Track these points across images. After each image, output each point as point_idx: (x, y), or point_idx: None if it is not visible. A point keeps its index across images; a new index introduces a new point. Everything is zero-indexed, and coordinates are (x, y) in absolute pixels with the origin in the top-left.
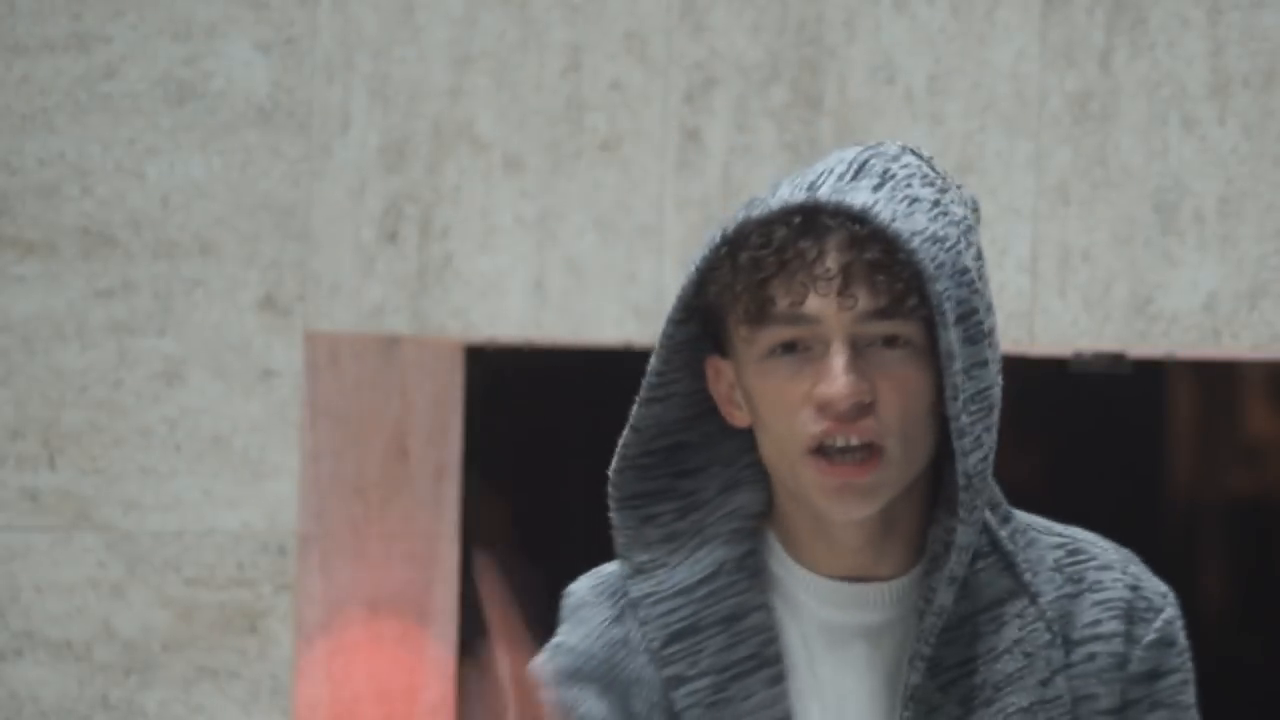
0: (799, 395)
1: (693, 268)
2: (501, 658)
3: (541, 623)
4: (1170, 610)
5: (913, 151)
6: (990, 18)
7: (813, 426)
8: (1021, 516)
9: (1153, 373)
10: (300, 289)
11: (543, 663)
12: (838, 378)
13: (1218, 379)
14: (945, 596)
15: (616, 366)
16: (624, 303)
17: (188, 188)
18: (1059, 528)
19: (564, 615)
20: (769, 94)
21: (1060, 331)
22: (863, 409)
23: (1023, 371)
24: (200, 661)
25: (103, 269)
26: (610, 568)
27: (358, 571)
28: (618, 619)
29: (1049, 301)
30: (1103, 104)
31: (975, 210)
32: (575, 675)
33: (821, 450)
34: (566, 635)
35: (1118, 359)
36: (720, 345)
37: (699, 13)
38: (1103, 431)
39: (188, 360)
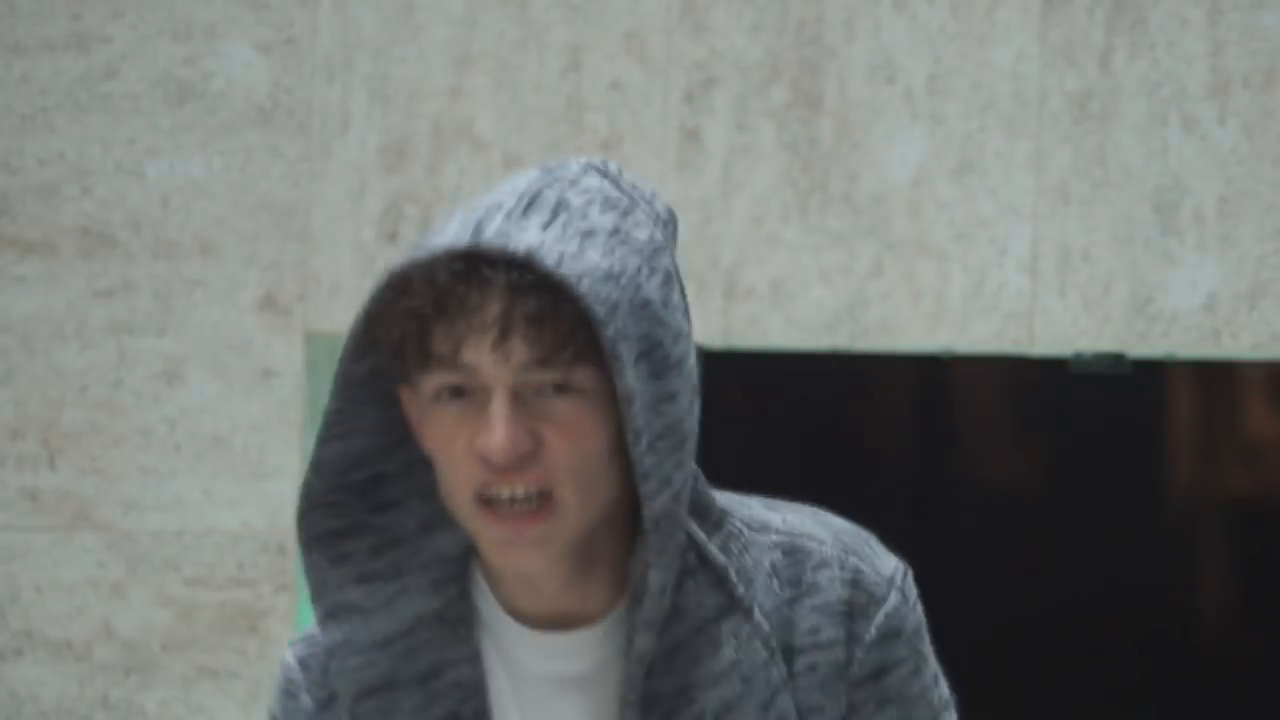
0: (463, 444)
1: (362, 308)
2: None
3: None
4: (893, 597)
5: (596, 169)
6: (990, 18)
7: (478, 476)
8: (737, 516)
9: (1153, 373)
10: (300, 289)
11: None
12: (495, 430)
13: (1218, 379)
14: (644, 641)
15: None
16: None
17: (188, 188)
18: (778, 520)
19: (275, 689)
20: (769, 94)
21: (1060, 331)
22: (526, 458)
23: (1023, 371)
24: (200, 661)
25: (103, 269)
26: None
27: None
28: (325, 705)
29: (1049, 301)
30: (1103, 104)
31: (670, 223)
32: None
33: (488, 501)
34: (274, 715)
35: (1118, 359)
36: (405, 375)
37: (699, 13)
38: (1103, 431)
39: (188, 360)
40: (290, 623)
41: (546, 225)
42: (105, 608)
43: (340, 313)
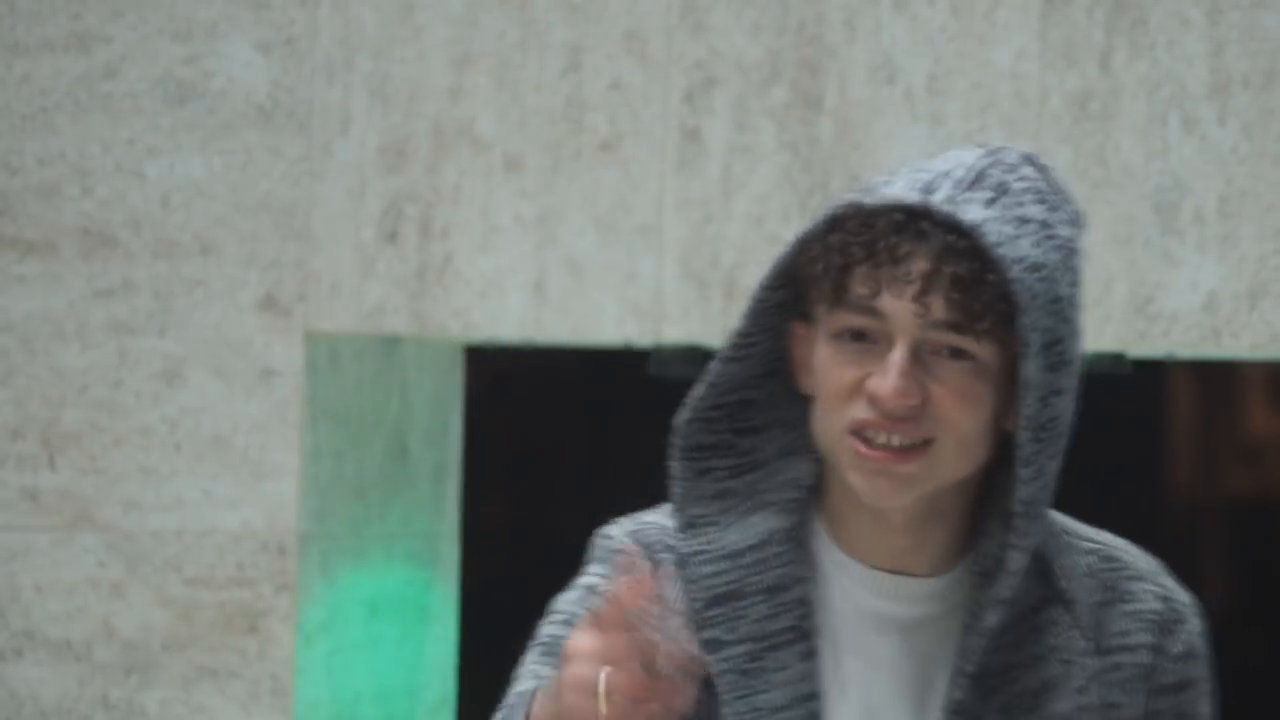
0: (854, 382)
1: (795, 237)
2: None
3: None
4: (1196, 622)
5: (1032, 161)
6: (990, 18)
7: (858, 412)
8: (1056, 520)
9: (1153, 373)
10: (300, 289)
11: (570, 600)
12: (891, 376)
13: (1218, 379)
14: (993, 618)
15: (616, 366)
16: (624, 302)
17: (188, 188)
18: (1090, 532)
19: (595, 556)
20: (769, 94)
21: None
22: (911, 411)
23: None
24: (200, 661)
25: (103, 269)
26: (651, 518)
27: (358, 571)
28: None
29: None
30: (1103, 104)
31: (1083, 227)
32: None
33: (861, 435)
34: (597, 579)
35: (1118, 359)
36: (807, 312)
37: (699, 13)
38: (1103, 431)
39: (188, 360)
40: (290, 623)
41: (990, 203)
42: (105, 608)
43: (340, 313)
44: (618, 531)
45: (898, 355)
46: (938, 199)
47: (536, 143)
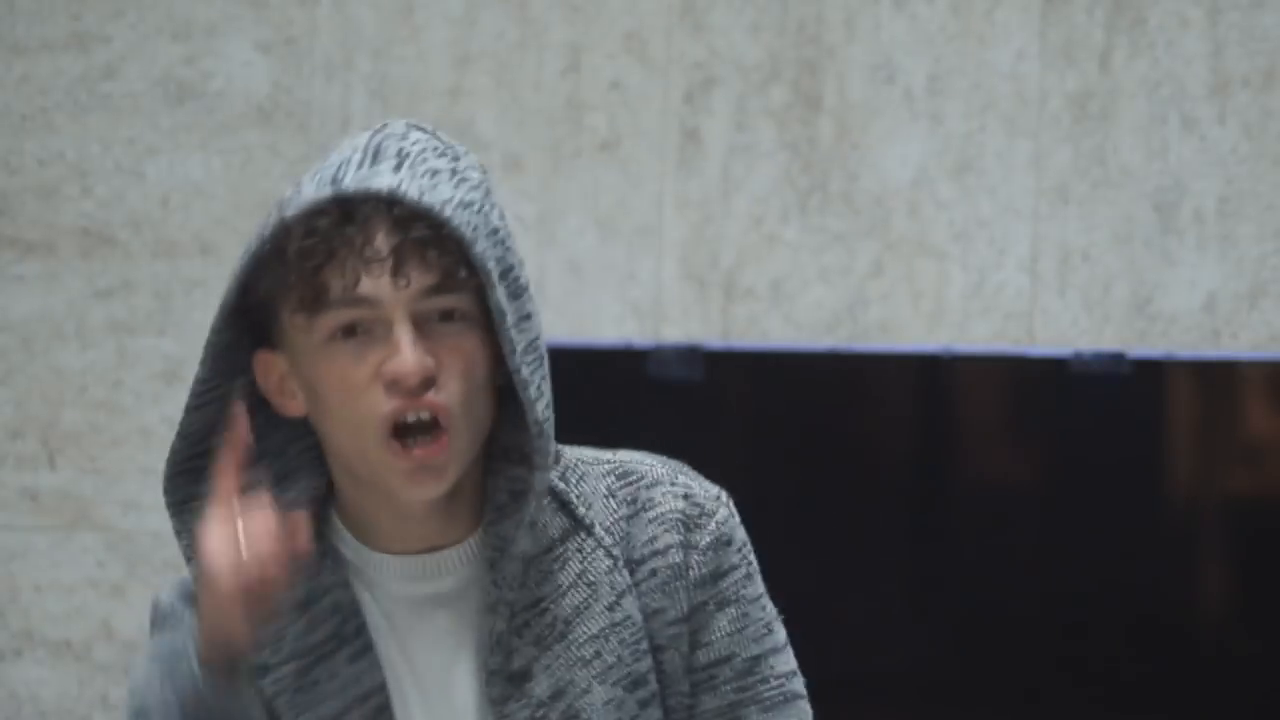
0: (365, 376)
1: (233, 275)
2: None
3: None
4: (723, 510)
5: (417, 127)
6: (990, 18)
7: (384, 405)
8: (569, 452)
9: (1153, 373)
10: None
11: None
12: (406, 354)
13: (1218, 379)
14: (524, 541)
15: (616, 366)
16: (624, 302)
17: (188, 188)
18: (607, 454)
19: (153, 625)
20: (769, 94)
21: (1060, 331)
22: (428, 384)
23: (1023, 371)
24: None
25: (103, 269)
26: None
27: None
28: None
29: (1049, 301)
30: (1103, 104)
31: (486, 173)
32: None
33: (396, 432)
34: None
35: (1118, 359)
36: (269, 340)
37: (699, 13)
38: (1102, 431)
39: (188, 360)
40: None
41: (396, 169)
42: (105, 608)
43: None
44: (167, 596)
45: (401, 331)
46: (347, 183)
47: (536, 143)
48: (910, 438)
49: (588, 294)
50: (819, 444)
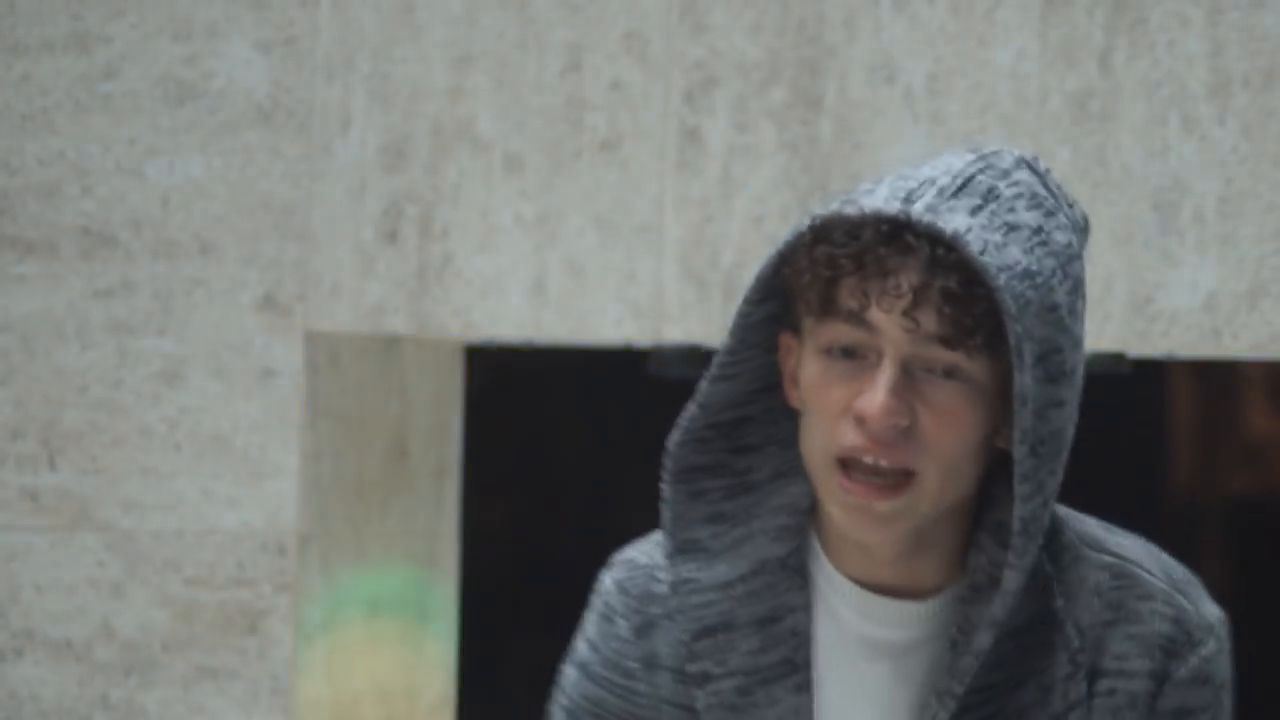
0: (842, 399)
1: (775, 249)
2: None
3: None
4: (1211, 645)
5: (1028, 165)
6: (990, 18)
7: (847, 438)
8: (1074, 528)
9: (1153, 373)
10: (300, 289)
11: (564, 681)
12: (878, 393)
13: (1218, 379)
14: (984, 639)
15: (616, 366)
16: (624, 302)
17: (188, 188)
18: (1113, 543)
19: (590, 610)
20: (769, 94)
21: None
22: (898, 433)
23: None
24: (200, 661)
25: (103, 269)
26: (643, 556)
27: (358, 571)
28: (642, 631)
29: None
30: (1103, 104)
31: (1085, 231)
32: (594, 706)
33: (846, 465)
34: (588, 653)
35: (1118, 359)
36: (796, 324)
37: (699, 13)
38: (1103, 431)
39: (188, 360)
40: (290, 623)
41: (975, 211)
42: (105, 608)
43: (340, 313)
44: (609, 586)
45: (886, 372)
46: (918, 208)
47: (536, 143)
48: None
49: (588, 294)
50: None
